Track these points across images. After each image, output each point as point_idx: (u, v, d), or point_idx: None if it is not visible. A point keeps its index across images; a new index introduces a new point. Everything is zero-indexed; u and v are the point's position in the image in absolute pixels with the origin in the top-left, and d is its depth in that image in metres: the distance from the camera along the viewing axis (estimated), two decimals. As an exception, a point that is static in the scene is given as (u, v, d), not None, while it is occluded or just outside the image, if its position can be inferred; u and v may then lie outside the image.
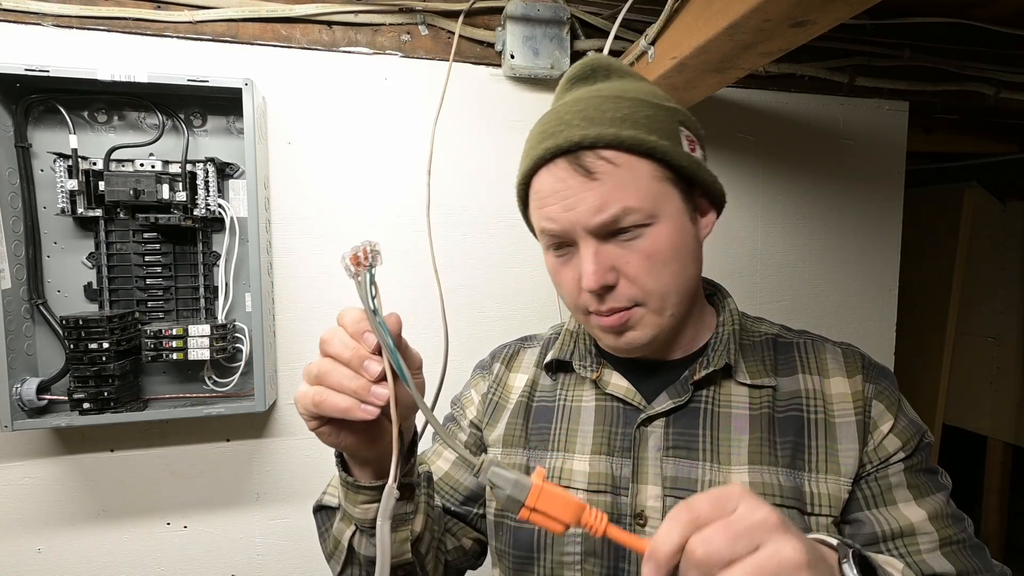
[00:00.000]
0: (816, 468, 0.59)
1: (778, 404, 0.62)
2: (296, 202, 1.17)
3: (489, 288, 1.27)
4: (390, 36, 1.19)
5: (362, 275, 0.43)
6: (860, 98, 1.44)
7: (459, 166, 1.23)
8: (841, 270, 1.48)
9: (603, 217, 0.56)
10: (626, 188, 0.57)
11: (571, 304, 0.64)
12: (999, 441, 2.46)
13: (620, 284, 0.59)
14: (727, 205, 0.73)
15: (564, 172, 0.57)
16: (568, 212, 0.57)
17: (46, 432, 1.08)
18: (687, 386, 0.63)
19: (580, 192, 0.57)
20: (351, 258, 0.44)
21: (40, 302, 1.03)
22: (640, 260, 0.58)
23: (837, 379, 0.63)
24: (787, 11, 0.74)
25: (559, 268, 0.62)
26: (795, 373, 0.64)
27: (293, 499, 1.20)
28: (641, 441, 0.62)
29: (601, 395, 0.67)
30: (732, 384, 0.63)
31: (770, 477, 0.58)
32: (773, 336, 0.69)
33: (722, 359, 0.63)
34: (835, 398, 0.62)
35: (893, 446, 0.60)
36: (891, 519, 0.58)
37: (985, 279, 2.41)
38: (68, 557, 1.11)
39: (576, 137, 0.57)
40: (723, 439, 0.61)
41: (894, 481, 0.59)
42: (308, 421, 0.48)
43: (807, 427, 0.60)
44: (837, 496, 0.58)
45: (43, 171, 1.03)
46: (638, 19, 1.18)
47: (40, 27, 1.03)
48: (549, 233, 0.60)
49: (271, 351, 1.13)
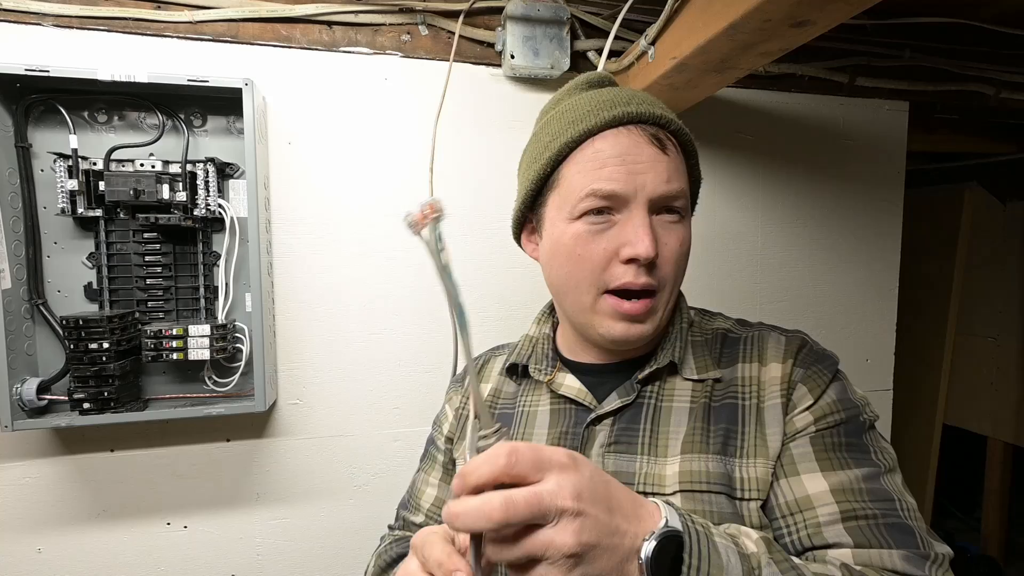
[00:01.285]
0: (746, 454, 0.59)
1: (715, 394, 0.63)
2: (296, 202, 1.17)
3: (490, 288, 1.27)
4: (390, 36, 1.19)
5: (429, 229, 0.44)
6: (860, 98, 1.44)
7: (459, 166, 1.23)
8: (841, 270, 1.48)
9: (669, 189, 0.59)
10: (682, 173, 0.62)
11: (588, 280, 0.61)
12: (999, 441, 2.46)
13: (657, 263, 0.60)
14: (727, 205, 0.75)
15: (640, 138, 0.60)
16: (636, 176, 0.58)
17: (46, 432, 1.08)
18: (634, 385, 0.64)
19: (653, 161, 0.59)
20: (418, 215, 0.44)
21: (40, 302, 1.03)
22: (675, 245, 0.61)
23: (773, 365, 0.62)
24: (787, 11, 0.74)
25: (590, 237, 0.60)
26: (735, 363, 0.64)
27: (293, 499, 1.20)
28: (589, 440, 0.63)
29: (555, 398, 0.68)
30: (677, 379, 0.64)
31: (699, 464, 0.58)
32: (724, 331, 0.69)
33: (667, 357, 0.64)
34: (767, 383, 0.61)
35: (803, 422, 0.58)
36: (787, 491, 0.56)
37: (985, 279, 2.42)
38: (68, 557, 1.11)
39: (656, 112, 0.61)
40: (662, 432, 0.62)
41: (796, 453, 0.57)
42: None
43: (740, 414, 0.61)
44: (764, 479, 0.57)
45: (43, 171, 1.03)
46: (638, 19, 1.18)
47: (40, 27, 1.03)
48: (604, 195, 0.58)
49: (271, 351, 1.13)
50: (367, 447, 1.23)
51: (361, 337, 1.21)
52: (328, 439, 1.21)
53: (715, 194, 1.37)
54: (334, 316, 1.19)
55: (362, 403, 1.22)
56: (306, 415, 1.20)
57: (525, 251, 0.73)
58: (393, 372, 1.23)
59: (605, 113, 0.60)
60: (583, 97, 0.64)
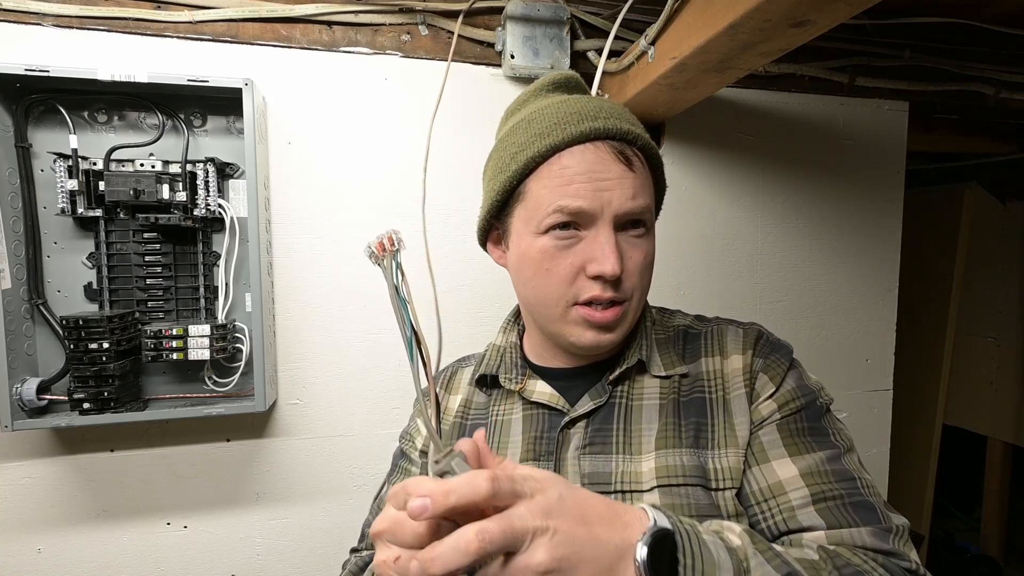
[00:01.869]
0: (717, 444, 0.60)
1: (683, 389, 0.64)
2: (296, 202, 1.17)
3: (487, 289, 1.27)
4: (390, 36, 1.19)
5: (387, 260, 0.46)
6: (860, 98, 1.44)
7: (459, 166, 1.23)
8: (841, 270, 1.48)
9: (634, 205, 0.60)
10: (648, 188, 0.63)
11: (556, 294, 0.62)
12: (999, 441, 2.46)
13: (623, 277, 0.61)
14: (727, 205, 0.76)
15: (606, 155, 0.60)
16: (603, 193, 0.59)
17: (46, 432, 1.08)
18: (605, 387, 0.65)
19: (620, 178, 0.59)
20: (376, 245, 0.46)
21: (40, 302, 1.03)
22: (639, 258, 0.62)
23: (734, 357, 0.65)
24: (787, 11, 0.74)
25: (556, 252, 0.61)
26: (699, 358, 0.66)
27: (293, 499, 1.20)
28: (564, 443, 0.64)
29: (527, 404, 0.68)
30: (646, 377, 0.66)
31: (674, 459, 0.60)
32: (684, 328, 0.71)
33: (635, 356, 0.65)
34: (731, 375, 0.64)
35: (768, 410, 0.61)
36: (760, 478, 0.58)
37: (985, 279, 2.42)
38: (68, 557, 1.11)
39: (624, 127, 0.61)
40: (635, 430, 0.63)
41: (765, 441, 0.60)
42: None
43: (708, 407, 0.62)
44: (737, 468, 0.59)
45: (43, 171, 1.03)
46: (638, 19, 1.18)
47: (40, 27, 1.03)
48: (570, 212, 0.59)
49: (271, 351, 1.13)
50: (367, 447, 1.23)
51: (361, 337, 1.21)
52: (328, 439, 1.21)
53: (715, 194, 1.37)
54: (334, 316, 1.19)
55: (362, 403, 1.22)
56: (306, 415, 1.20)
57: (491, 257, 0.73)
58: (393, 372, 1.23)
59: (572, 128, 0.60)
60: (549, 104, 0.64)
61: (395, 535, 0.42)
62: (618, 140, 0.60)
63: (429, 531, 0.41)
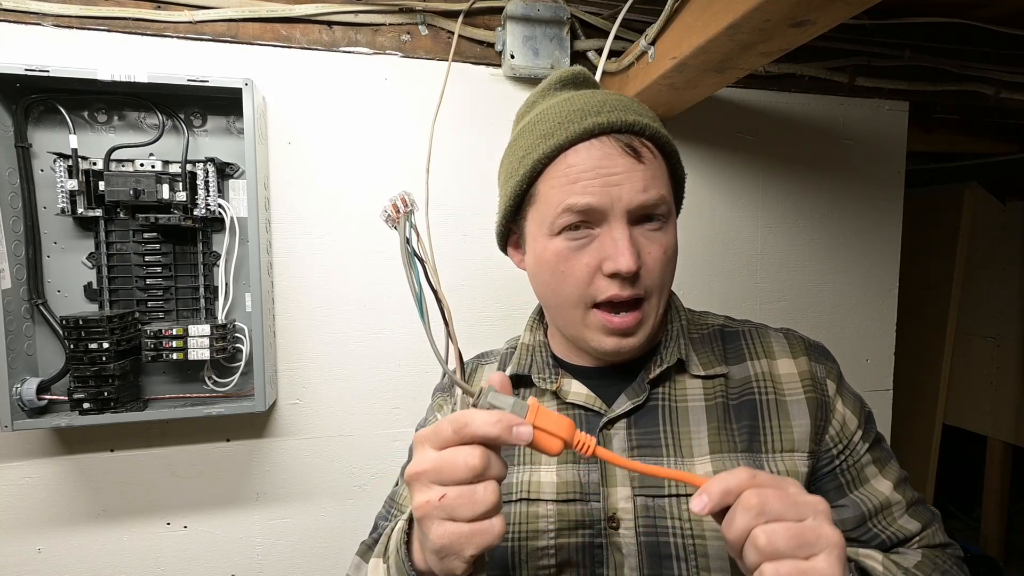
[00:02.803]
0: (772, 448, 0.61)
1: (731, 391, 0.64)
2: (296, 202, 1.17)
3: (489, 289, 1.27)
4: (390, 36, 1.19)
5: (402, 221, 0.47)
6: (860, 98, 1.44)
7: (459, 166, 1.23)
8: (841, 270, 1.48)
9: (646, 198, 0.58)
10: (660, 178, 0.60)
11: (574, 296, 0.61)
12: (999, 441, 2.46)
13: (641, 273, 0.59)
14: (727, 205, 0.75)
15: (612, 149, 0.58)
16: (612, 188, 0.57)
17: (46, 432, 1.08)
18: (644, 386, 0.64)
19: (628, 171, 0.58)
20: (391, 207, 0.47)
21: (40, 302, 1.03)
22: (659, 252, 0.60)
23: (783, 360, 0.66)
24: (787, 11, 0.74)
25: (571, 254, 0.59)
26: (744, 360, 0.66)
27: (293, 499, 1.20)
28: (606, 444, 0.62)
29: (563, 404, 0.66)
30: (686, 378, 0.65)
31: (732, 463, 0.60)
32: (720, 327, 0.71)
33: (674, 355, 0.65)
34: (784, 378, 0.64)
35: (853, 424, 0.64)
36: (871, 496, 0.62)
37: (985, 279, 2.42)
38: (68, 557, 1.11)
39: (629, 119, 0.59)
40: (683, 432, 0.62)
41: (864, 461, 0.64)
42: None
43: (760, 409, 0.63)
44: (795, 471, 0.60)
45: (43, 171, 1.03)
46: (638, 19, 1.18)
47: (40, 27, 1.03)
48: (580, 209, 0.58)
49: (271, 351, 1.13)
50: (367, 447, 1.23)
51: (361, 337, 1.21)
52: (328, 439, 1.21)
53: (715, 194, 1.37)
54: (334, 316, 1.19)
55: (362, 403, 1.22)
56: (306, 415, 1.20)
57: (513, 261, 0.72)
58: (393, 372, 1.23)
59: (575, 125, 0.59)
60: (556, 103, 0.63)
61: (441, 473, 0.43)
62: (624, 132, 0.59)
63: (483, 465, 0.42)
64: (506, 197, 0.65)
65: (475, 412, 0.44)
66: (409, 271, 0.48)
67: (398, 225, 0.47)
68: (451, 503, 0.42)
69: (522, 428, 0.44)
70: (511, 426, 0.43)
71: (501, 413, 0.44)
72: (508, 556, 0.62)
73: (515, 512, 0.63)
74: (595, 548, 0.60)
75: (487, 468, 0.43)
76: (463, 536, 0.42)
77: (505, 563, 0.62)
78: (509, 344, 0.79)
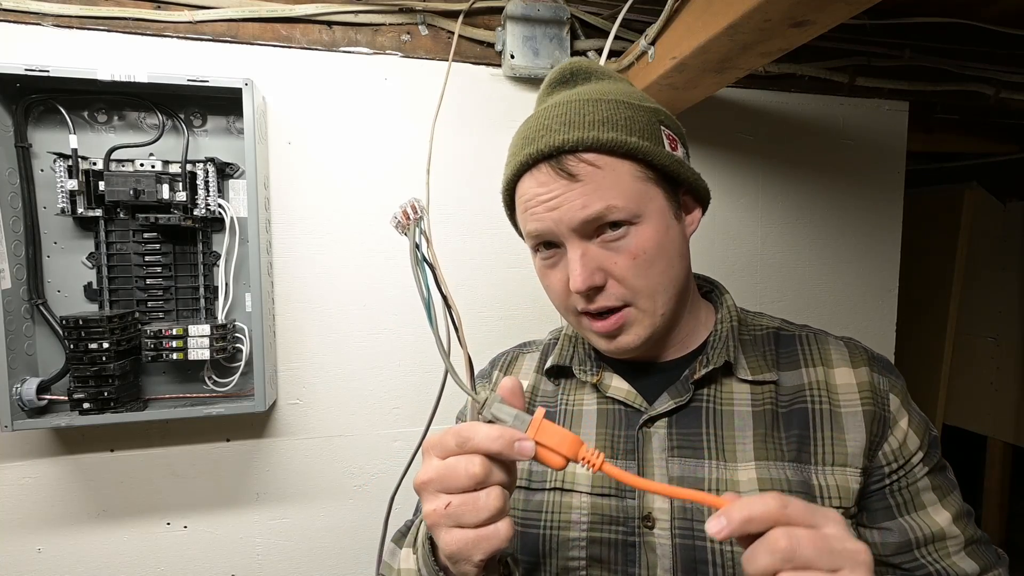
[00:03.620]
0: (823, 460, 0.59)
1: (782, 399, 0.62)
2: (296, 202, 1.17)
3: (489, 289, 1.27)
4: (390, 36, 1.19)
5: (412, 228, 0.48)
6: (860, 98, 1.44)
7: (459, 166, 1.23)
8: (841, 270, 1.48)
9: (587, 214, 0.57)
10: (609, 188, 0.57)
11: (560, 307, 0.64)
12: (999, 441, 2.46)
13: (608, 285, 0.59)
14: (727, 205, 0.74)
15: (546, 176, 0.58)
16: (552, 212, 0.58)
17: (46, 432, 1.08)
18: (688, 385, 0.62)
19: (563, 193, 0.58)
20: (401, 215, 0.48)
21: (40, 302, 1.03)
22: (627, 260, 0.58)
23: (842, 369, 0.63)
24: (787, 11, 0.74)
25: (546, 271, 0.63)
26: (798, 367, 0.64)
27: (293, 499, 1.20)
28: (645, 442, 0.61)
29: (602, 398, 0.66)
30: (733, 381, 0.63)
31: (778, 472, 0.58)
32: (775, 330, 0.68)
33: (721, 357, 0.63)
34: (840, 388, 0.61)
35: (914, 444, 0.61)
36: (923, 525, 0.59)
37: (985, 279, 2.41)
38: (68, 557, 1.11)
39: (557, 142, 0.58)
40: (727, 436, 0.60)
41: (921, 486, 0.60)
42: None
43: (812, 419, 0.60)
44: (845, 487, 0.58)
45: (43, 171, 1.03)
46: (638, 19, 1.18)
47: (40, 27, 1.03)
48: (535, 235, 0.61)
49: (271, 351, 1.13)
50: (367, 447, 1.23)
51: (361, 337, 1.21)
52: (328, 439, 1.21)
53: (715, 194, 1.36)
54: (334, 316, 1.19)
55: (362, 403, 1.22)
56: (306, 415, 1.20)
57: None
58: (393, 372, 1.23)
59: (516, 159, 0.61)
60: (531, 119, 0.64)
61: (445, 481, 0.44)
62: (552, 157, 0.58)
63: (484, 472, 0.43)
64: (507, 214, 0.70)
65: (479, 426, 0.44)
66: (418, 276, 0.48)
67: (408, 231, 0.48)
68: (456, 511, 0.43)
69: (524, 444, 0.44)
70: (513, 441, 0.43)
71: (503, 428, 0.44)
72: (539, 543, 0.62)
73: (548, 500, 0.63)
74: (628, 546, 0.59)
75: (488, 475, 0.43)
76: (470, 542, 0.43)
77: (536, 550, 0.62)
78: (552, 334, 0.79)
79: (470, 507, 0.43)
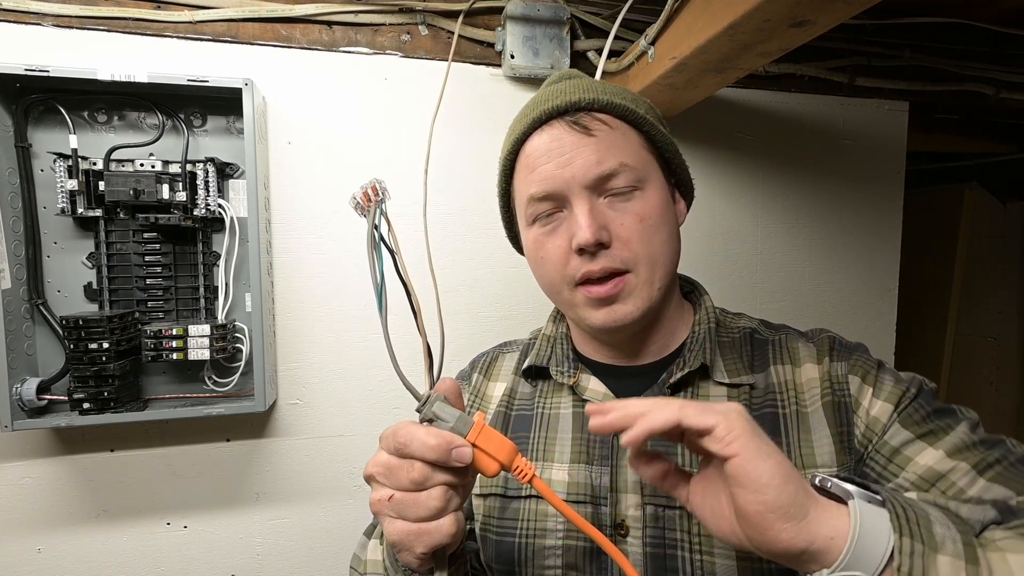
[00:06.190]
0: (796, 466, 0.57)
1: (754, 402, 0.60)
2: (296, 202, 1.17)
3: (488, 289, 1.27)
4: (390, 36, 1.19)
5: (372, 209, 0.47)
6: (860, 98, 1.44)
7: (459, 166, 1.23)
8: (841, 270, 1.48)
9: (601, 169, 0.57)
10: (622, 147, 0.59)
11: (556, 278, 0.61)
12: (999, 441, 2.46)
13: (613, 246, 0.58)
14: (727, 205, 0.74)
15: (560, 131, 0.59)
16: (564, 168, 0.58)
17: (46, 432, 1.08)
18: (664, 389, 0.62)
19: (577, 148, 0.58)
20: (361, 196, 0.47)
21: (40, 302, 1.03)
22: (633, 222, 0.58)
23: (808, 366, 0.61)
24: (787, 11, 0.74)
25: (544, 239, 0.61)
26: (767, 367, 0.62)
27: (293, 499, 1.20)
28: (620, 449, 0.60)
29: (579, 401, 0.65)
30: (710, 384, 0.62)
31: None
32: (751, 331, 0.67)
33: (698, 359, 0.62)
34: (806, 386, 0.60)
35: (885, 413, 0.56)
36: (908, 475, 0.53)
37: (985, 279, 2.41)
38: (68, 557, 1.11)
39: (574, 98, 0.59)
40: None
41: (896, 442, 0.54)
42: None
43: (782, 423, 0.59)
44: None
45: (43, 171, 1.03)
46: (638, 19, 1.18)
47: (40, 27, 1.03)
48: (539, 196, 0.60)
49: (271, 351, 1.13)
50: (367, 447, 1.23)
51: (361, 337, 1.21)
52: (328, 439, 1.21)
53: (715, 194, 1.37)
54: (334, 316, 1.19)
55: (362, 403, 1.22)
56: (306, 415, 1.20)
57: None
58: (393, 372, 1.23)
59: (526, 119, 0.61)
60: (535, 96, 0.66)
61: (388, 477, 0.46)
62: (569, 112, 0.59)
63: (424, 477, 0.44)
64: (499, 202, 0.69)
65: (415, 433, 0.45)
66: (373, 260, 0.47)
67: (367, 213, 0.47)
68: (399, 504, 0.45)
69: (462, 451, 0.44)
70: (450, 450, 0.44)
71: (441, 435, 0.44)
72: (516, 551, 0.62)
73: (525, 508, 0.62)
74: (601, 554, 0.58)
75: (428, 479, 0.44)
76: (412, 534, 0.44)
77: (512, 558, 0.62)
78: (533, 334, 0.78)
79: (411, 504, 0.44)
